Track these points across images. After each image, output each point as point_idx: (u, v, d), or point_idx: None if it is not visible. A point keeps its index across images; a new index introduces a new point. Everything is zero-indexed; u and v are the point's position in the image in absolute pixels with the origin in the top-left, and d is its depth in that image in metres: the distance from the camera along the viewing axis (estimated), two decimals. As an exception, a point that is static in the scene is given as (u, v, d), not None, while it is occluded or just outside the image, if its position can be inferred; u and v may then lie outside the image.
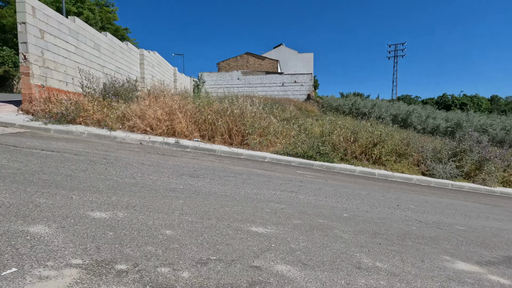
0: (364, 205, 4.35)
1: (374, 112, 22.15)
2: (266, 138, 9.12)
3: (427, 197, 6.15)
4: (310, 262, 2.04)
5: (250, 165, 6.69)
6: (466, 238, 3.33)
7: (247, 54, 29.36)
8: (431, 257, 2.50)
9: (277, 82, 24.62)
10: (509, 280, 2.25)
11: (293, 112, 14.97)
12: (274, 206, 3.48)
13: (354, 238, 2.72)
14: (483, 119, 22.69)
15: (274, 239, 2.39)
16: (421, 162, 10.26)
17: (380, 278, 1.94)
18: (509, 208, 6.43)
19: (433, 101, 40.18)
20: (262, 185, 4.70)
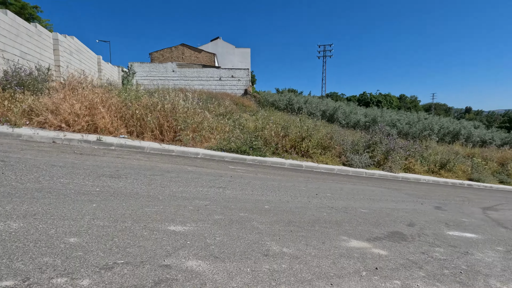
0: (286, 196, 4.72)
1: (306, 107, 23.72)
2: (200, 133, 9.04)
3: (343, 185, 6.96)
4: (222, 255, 2.17)
5: (181, 162, 6.58)
6: (364, 219, 3.91)
7: (182, 45, 28.25)
8: (332, 239, 2.89)
9: (214, 76, 24.38)
10: (387, 251, 2.76)
11: (229, 107, 15.09)
12: (198, 203, 3.53)
13: (269, 228, 2.97)
14: (393, 115, 26.35)
15: (191, 236, 2.45)
16: (342, 154, 11.48)
17: (283, 262, 2.18)
18: (406, 191, 7.70)
19: (355, 99, 45.15)
20: (190, 182, 4.69)
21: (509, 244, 3.60)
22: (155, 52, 28.59)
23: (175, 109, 9.02)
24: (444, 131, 23.69)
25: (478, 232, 4.06)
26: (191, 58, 28.25)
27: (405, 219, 4.25)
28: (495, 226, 4.63)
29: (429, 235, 3.55)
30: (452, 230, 3.97)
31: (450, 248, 3.13)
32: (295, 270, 2.08)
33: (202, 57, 28.54)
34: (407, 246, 2.97)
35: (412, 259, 2.62)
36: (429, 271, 2.39)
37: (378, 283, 2.06)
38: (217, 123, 10.25)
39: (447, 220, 4.59)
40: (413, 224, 4.00)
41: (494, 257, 2.99)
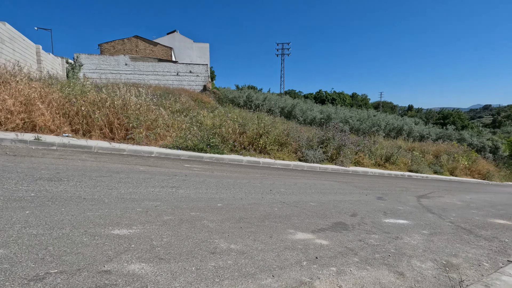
0: (240, 193, 4.81)
1: (265, 104, 24.10)
2: (154, 131, 8.71)
3: (297, 180, 7.27)
4: (167, 256, 2.16)
5: (133, 162, 6.30)
6: (313, 212, 4.17)
7: (136, 37, 26.71)
8: (279, 232, 3.04)
9: (171, 71, 23.54)
10: (329, 241, 2.98)
11: (186, 103, 14.75)
12: (148, 205, 3.44)
13: (219, 226, 3.02)
14: (346, 112, 28.01)
15: (136, 239, 2.40)
16: (298, 150, 11.95)
17: (229, 259, 2.25)
18: (354, 184, 8.30)
19: (312, 96, 47.10)
20: (141, 183, 4.53)
21: (433, 228, 4.12)
22: (106, 44, 26.63)
23: (127, 105, 8.56)
24: (389, 127, 25.86)
25: (410, 218, 4.57)
26: (145, 51, 26.86)
27: (349, 210, 4.61)
28: (425, 212, 5.24)
29: (368, 223, 3.91)
30: (389, 218, 4.41)
31: (384, 234, 3.49)
32: (240, 265, 2.16)
33: (158, 51, 27.32)
34: (347, 235, 3.24)
35: (349, 246, 2.88)
36: (362, 257, 2.65)
37: (316, 271, 2.24)
38: (173, 120, 9.97)
39: (385, 209, 5.07)
40: (356, 214, 4.36)
41: (418, 240, 3.40)
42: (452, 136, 27.50)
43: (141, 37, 27.33)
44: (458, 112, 51.31)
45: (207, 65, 24.98)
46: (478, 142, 27.30)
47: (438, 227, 4.21)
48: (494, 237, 3.99)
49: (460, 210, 5.92)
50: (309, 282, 2.05)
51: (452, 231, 4.08)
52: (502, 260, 3.03)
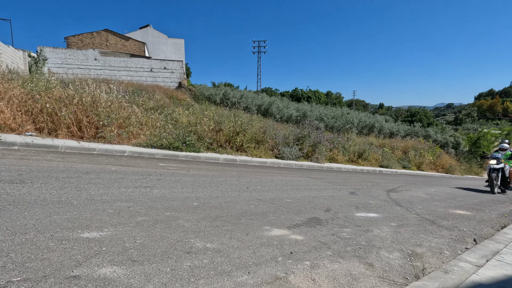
0: (217, 192, 4.79)
1: (242, 102, 24.06)
2: (126, 129, 8.41)
3: (273, 177, 7.36)
4: (140, 258, 2.12)
5: (104, 162, 6.05)
6: (288, 208, 4.25)
7: (106, 31, 25.49)
8: (255, 229, 3.07)
9: (144, 67, 22.78)
10: (303, 236, 3.07)
11: (161, 100, 14.38)
12: (120, 206, 3.33)
13: (195, 225, 2.99)
14: (321, 110, 28.69)
15: (107, 242, 2.32)
16: (275, 147, 12.09)
17: (204, 258, 2.25)
18: (329, 179, 8.56)
19: (288, 94, 47.76)
20: (113, 183, 4.37)
21: (400, 220, 4.36)
22: (73, 37, 25.17)
23: (96, 102, 8.18)
24: (362, 124, 26.86)
25: (380, 211, 4.81)
26: (116, 46, 25.73)
27: (324, 206, 4.76)
28: (393, 206, 5.53)
29: (341, 218, 4.06)
30: (360, 212, 4.60)
31: (356, 227, 3.64)
32: (216, 264, 2.17)
33: (130, 46, 26.28)
34: (321, 230, 3.35)
35: (323, 240, 2.98)
36: (335, 250, 2.75)
37: (291, 266, 2.30)
38: (147, 118, 9.68)
39: (357, 203, 5.29)
40: (330, 209, 4.51)
41: (387, 232, 3.59)
42: (419, 133, 29.15)
43: (112, 31, 26.13)
44: (424, 110, 54.42)
45: (182, 62, 24.44)
46: (442, 138, 29.17)
47: (405, 219, 4.46)
48: (454, 227, 4.30)
49: (425, 203, 6.31)
50: (284, 277, 2.10)
51: (418, 222, 4.34)
52: (461, 248, 3.29)
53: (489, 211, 6.11)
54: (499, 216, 5.66)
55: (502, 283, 2.18)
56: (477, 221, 4.94)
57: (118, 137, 8.14)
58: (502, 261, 2.64)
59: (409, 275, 2.38)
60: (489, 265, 2.50)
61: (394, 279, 2.29)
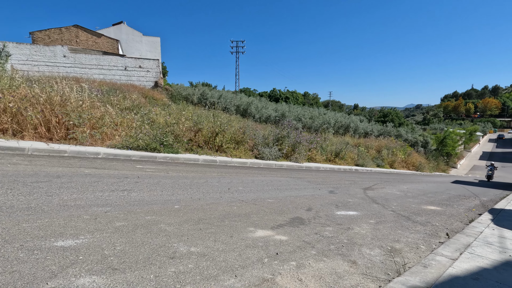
0: (198, 194, 4.69)
1: (220, 102, 23.86)
2: (100, 130, 8.03)
3: (254, 178, 7.35)
4: (122, 266, 2.01)
5: (76, 164, 5.73)
6: (271, 209, 4.25)
7: (76, 27, 24.21)
8: (240, 231, 3.04)
9: (118, 65, 21.90)
10: (288, 236, 3.08)
11: (137, 100, 13.91)
12: (96, 211, 3.16)
13: (177, 229, 2.90)
14: (299, 110, 29.12)
15: (84, 250, 2.18)
16: (254, 147, 12.09)
17: (189, 262, 2.18)
18: (308, 179, 8.70)
19: (266, 94, 48.06)
20: (88, 187, 4.14)
21: (378, 217, 4.52)
22: (39, 32, 23.65)
23: (66, 101, 7.74)
24: (338, 124, 27.60)
25: (358, 209, 4.95)
26: (88, 42, 24.52)
27: (305, 205, 4.82)
28: (371, 203, 5.72)
29: (322, 216, 4.13)
30: (340, 210, 4.71)
31: (337, 226, 3.72)
32: (202, 268, 2.11)
33: (103, 43, 25.17)
34: (304, 229, 3.38)
35: (307, 240, 3.01)
36: (319, 249, 2.79)
37: (277, 266, 2.29)
38: (122, 118, 9.31)
39: (337, 202, 5.41)
40: (311, 209, 4.57)
41: (367, 229, 3.70)
42: (391, 133, 30.49)
43: (82, 27, 24.85)
44: (395, 111, 57.02)
45: (158, 60, 23.77)
46: (412, 137, 30.71)
47: (382, 216, 4.62)
48: (427, 222, 4.52)
49: (400, 200, 6.59)
50: (271, 279, 2.09)
51: (394, 219, 4.52)
52: (435, 242, 3.46)
53: (457, 206, 6.50)
54: (467, 210, 6.04)
55: (476, 274, 2.32)
56: (448, 216, 5.24)
57: (91, 138, 7.75)
58: (474, 254, 2.81)
59: (390, 271, 2.46)
60: (463, 258, 2.65)
61: (377, 275, 2.35)
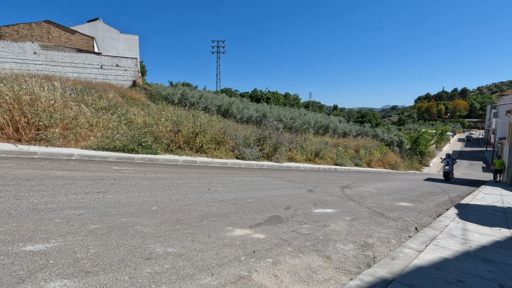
0: (177, 195, 4.65)
1: (201, 102, 23.64)
2: (73, 131, 7.74)
3: (235, 178, 7.37)
4: (95, 268, 1.98)
5: (48, 166, 5.50)
6: (250, 208, 4.30)
7: (48, 22, 23.08)
8: (218, 231, 3.06)
9: (94, 63, 21.13)
10: (265, 234, 3.13)
11: (113, 100, 13.51)
12: (68, 214, 3.06)
13: (154, 230, 2.88)
14: (280, 111, 29.41)
15: (55, 254, 2.12)
16: (235, 148, 12.10)
17: (166, 263, 2.18)
18: (288, 178, 8.83)
19: (248, 95, 48.18)
20: (60, 190, 4.00)
21: (353, 214, 4.69)
22: (6, 27, 22.33)
23: (36, 101, 7.39)
24: (318, 125, 28.16)
25: (335, 207, 5.11)
26: (60, 39, 23.45)
27: (284, 204, 4.90)
28: (348, 201, 5.91)
29: (300, 215, 4.23)
30: (318, 208, 4.84)
31: (314, 223, 3.83)
32: (178, 268, 2.12)
33: (77, 40, 24.17)
34: (282, 227, 3.45)
35: (284, 237, 3.08)
36: (295, 246, 2.86)
37: (254, 264, 2.34)
38: (98, 119, 9.02)
39: (315, 200, 5.55)
40: (290, 207, 4.67)
41: (342, 226, 3.84)
42: (369, 133, 31.51)
43: (55, 23, 23.73)
44: (373, 112, 58.99)
45: (136, 59, 23.17)
46: (388, 137, 31.90)
47: (358, 213, 4.80)
48: (399, 218, 4.75)
49: (375, 197, 6.85)
50: (247, 276, 2.13)
51: (369, 215, 4.70)
52: (405, 236, 3.65)
53: (427, 202, 6.86)
54: (435, 206, 6.39)
55: (438, 264, 2.48)
56: (418, 211, 5.52)
57: (64, 139, 7.45)
58: (438, 246, 3.00)
59: (362, 264, 2.57)
60: (428, 250, 2.82)
61: (349, 268, 2.46)
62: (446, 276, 2.27)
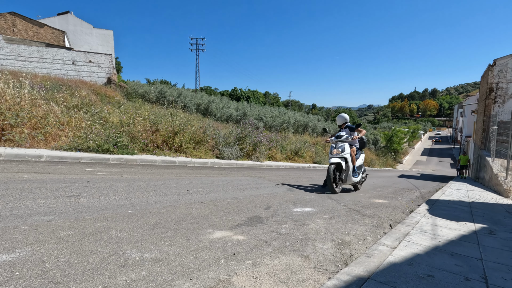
0: (155, 197, 4.54)
1: (180, 101, 23.18)
2: (42, 130, 7.32)
3: (214, 178, 7.31)
4: (66, 279, 1.88)
5: (14, 169, 5.17)
6: (230, 209, 4.28)
7: (13, 14, 21.61)
8: (197, 234, 3.02)
9: (65, 59, 20.09)
10: (245, 236, 3.13)
11: (87, 97, 12.95)
12: (37, 220, 2.89)
13: (130, 235, 2.79)
14: (260, 109, 29.49)
15: (21, 265, 1.99)
16: (215, 147, 12.00)
17: (142, 269, 2.12)
18: (268, 177, 8.88)
19: (228, 93, 47.89)
20: (27, 194, 3.77)
21: (331, 212, 4.80)
22: (-35, 17, 20.65)
23: (0, 98, 6.92)
24: (297, 123, 28.53)
25: (314, 206, 5.20)
26: (27, 33, 22.04)
27: (264, 204, 4.93)
28: (326, 199, 6.04)
29: (280, 214, 4.27)
30: (297, 207, 4.90)
31: (293, 223, 3.87)
32: (155, 274, 2.06)
33: (46, 34, 22.84)
34: (262, 228, 3.47)
35: (264, 238, 3.09)
36: (275, 246, 2.88)
37: (234, 267, 2.33)
38: (69, 118, 8.59)
39: (295, 199, 5.62)
40: (269, 207, 4.69)
41: (321, 224, 3.92)
42: (346, 131, 32.35)
43: (21, 15, 22.25)
44: (350, 111, 60.66)
45: (111, 55, 22.28)
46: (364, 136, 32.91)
47: (335, 211, 4.92)
48: (375, 215, 4.92)
49: (352, 195, 7.06)
50: (226, 279, 2.11)
51: (346, 213, 4.84)
52: (380, 233, 3.78)
53: (401, 199, 7.17)
54: (408, 202, 6.69)
55: (411, 260, 2.60)
56: (392, 208, 5.75)
57: (32, 140, 7.02)
58: (410, 242, 3.14)
59: (339, 263, 2.64)
60: (401, 246, 2.95)
61: (327, 267, 2.51)
62: (417, 271, 2.38)
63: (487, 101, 16.07)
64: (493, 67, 15.89)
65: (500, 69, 15.73)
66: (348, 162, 6.81)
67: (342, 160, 6.72)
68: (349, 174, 6.92)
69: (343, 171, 6.80)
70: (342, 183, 6.95)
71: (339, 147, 6.80)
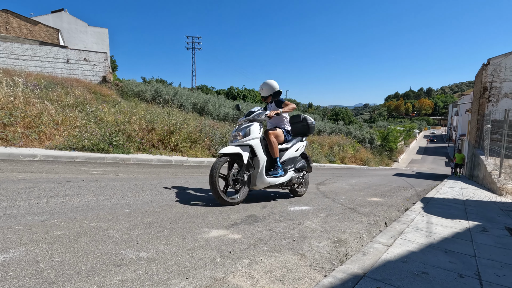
0: (151, 196, 4.52)
1: (176, 99, 23.09)
2: (37, 129, 7.25)
3: (211, 177, 7.28)
4: (60, 279, 1.87)
5: (7, 169, 5.12)
6: (226, 207, 4.27)
7: (5, 12, 21.31)
8: (193, 233, 3.01)
9: (59, 57, 19.88)
10: (241, 234, 3.13)
11: (81, 96, 12.84)
12: (31, 220, 2.86)
13: (126, 234, 2.77)
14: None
15: (15, 265, 1.97)
16: (212, 146, 11.97)
17: (138, 269, 2.11)
18: (264, 176, 8.86)
19: (224, 92, 47.79)
20: (21, 194, 3.73)
21: (328, 210, 4.82)
22: (-44, 15, 20.32)
23: (-6, 98, 6.84)
24: (294, 122, 28.54)
25: (310, 204, 5.22)
26: (21, 30, 21.76)
27: (260, 202, 4.92)
28: (322, 198, 6.06)
29: (276, 213, 4.27)
30: (294, 206, 4.92)
31: (290, 221, 3.88)
32: (151, 274, 2.06)
33: (40, 32, 22.56)
34: (258, 227, 3.47)
35: (260, 237, 3.09)
36: (271, 245, 2.89)
37: (230, 265, 2.33)
38: (64, 116, 8.51)
39: (291, 198, 5.64)
40: (266, 206, 4.70)
41: (317, 223, 3.93)
42: (342, 130, 32.54)
43: (14, 13, 21.95)
44: (346, 110, 60.95)
45: (106, 53, 22.10)
46: (360, 134, 33.16)
47: (332, 209, 4.94)
48: (370, 213, 4.95)
49: (348, 193, 7.10)
50: (223, 278, 2.11)
51: (342, 211, 4.86)
52: (375, 231, 3.81)
53: (396, 197, 7.22)
54: (403, 200, 6.74)
55: (406, 257, 2.62)
56: (388, 206, 5.79)
57: (26, 139, 6.95)
58: (405, 239, 3.17)
59: (335, 261, 2.66)
60: (396, 244, 2.97)
61: (323, 265, 2.52)
62: (412, 269, 2.41)
63: (481, 100, 16.25)
64: (487, 66, 16.05)
65: (494, 69, 15.91)
66: (257, 153, 4.41)
67: (245, 149, 4.30)
68: (260, 172, 4.51)
69: (243, 167, 4.34)
70: (245, 186, 4.53)
71: (242, 129, 4.47)
